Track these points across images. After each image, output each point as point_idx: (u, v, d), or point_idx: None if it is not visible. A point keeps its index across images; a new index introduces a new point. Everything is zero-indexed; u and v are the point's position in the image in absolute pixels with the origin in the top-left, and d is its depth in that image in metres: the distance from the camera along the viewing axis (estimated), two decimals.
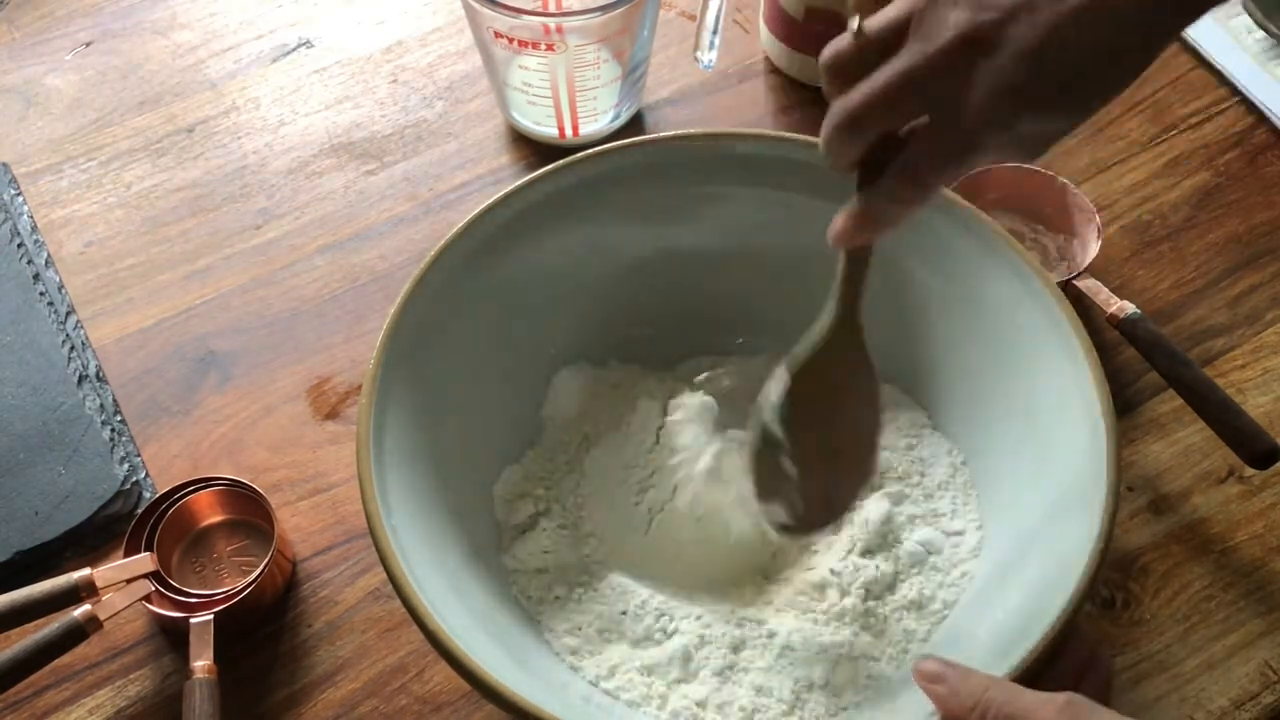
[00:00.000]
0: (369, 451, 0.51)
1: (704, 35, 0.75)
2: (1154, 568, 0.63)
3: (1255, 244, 0.75)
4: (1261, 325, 0.72)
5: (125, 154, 0.80)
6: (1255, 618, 0.61)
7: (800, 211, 0.62)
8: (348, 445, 0.67)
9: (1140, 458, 0.66)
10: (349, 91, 0.83)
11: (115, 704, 0.59)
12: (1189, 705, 0.59)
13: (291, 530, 0.64)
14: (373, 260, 0.75)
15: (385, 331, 0.55)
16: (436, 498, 0.55)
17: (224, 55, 0.85)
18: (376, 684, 0.60)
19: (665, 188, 0.62)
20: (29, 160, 0.80)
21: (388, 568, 0.48)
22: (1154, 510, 0.65)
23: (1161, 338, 0.65)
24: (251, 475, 0.64)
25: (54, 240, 0.76)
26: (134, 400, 0.69)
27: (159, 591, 0.59)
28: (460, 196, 0.78)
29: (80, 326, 0.72)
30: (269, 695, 0.59)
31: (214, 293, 0.73)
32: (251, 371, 0.70)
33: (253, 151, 0.80)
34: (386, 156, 0.80)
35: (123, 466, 0.65)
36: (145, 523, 0.61)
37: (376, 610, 0.62)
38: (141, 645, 0.61)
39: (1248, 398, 0.68)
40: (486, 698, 0.46)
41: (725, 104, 0.82)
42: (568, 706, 0.49)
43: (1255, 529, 0.64)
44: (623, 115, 0.79)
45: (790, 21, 0.79)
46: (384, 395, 0.53)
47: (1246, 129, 0.81)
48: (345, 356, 0.71)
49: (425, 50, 0.85)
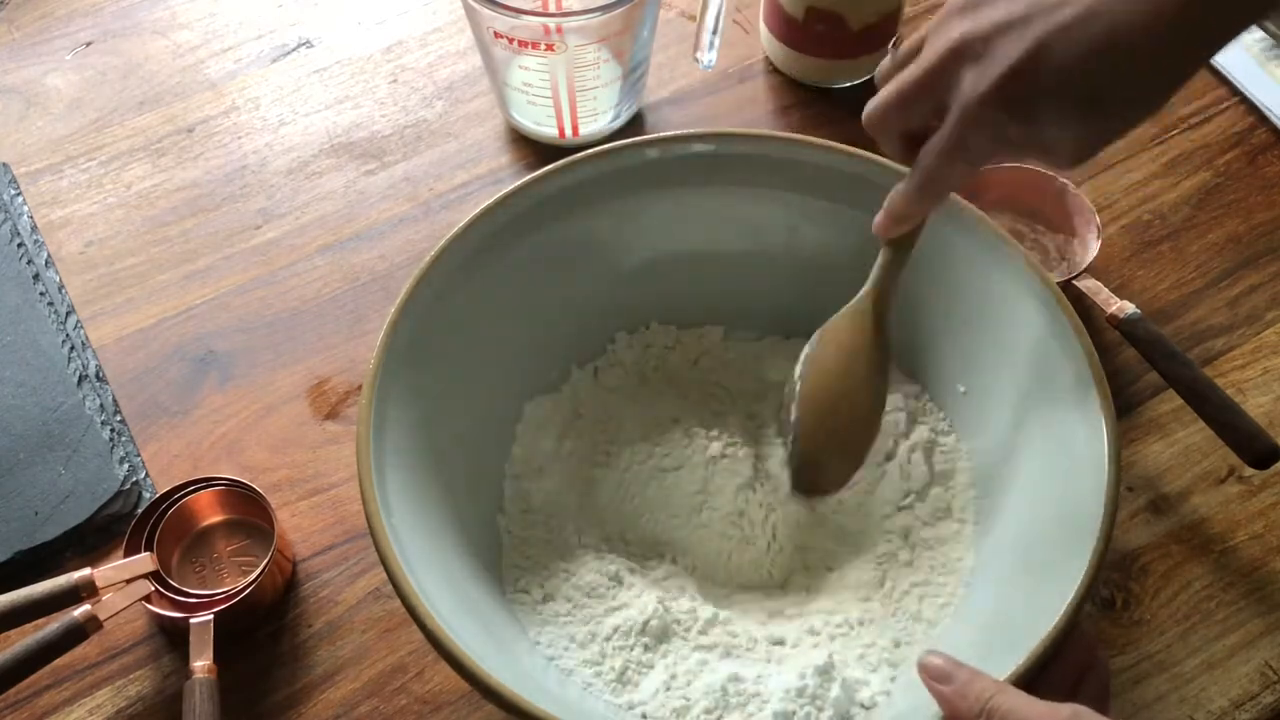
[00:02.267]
0: (369, 451, 0.51)
1: (704, 35, 0.75)
2: (1154, 568, 0.63)
3: (1255, 244, 0.75)
4: (1261, 325, 0.72)
5: (125, 154, 0.80)
6: (1255, 618, 0.61)
7: (800, 211, 0.62)
8: (348, 445, 0.67)
9: (1140, 458, 0.66)
10: (349, 91, 0.83)
11: (115, 704, 0.59)
12: (1189, 705, 0.59)
13: (291, 530, 0.64)
14: (373, 260, 0.75)
15: (385, 331, 0.55)
16: (436, 498, 0.55)
17: (224, 55, 0.85)
18: (376, 684, 0.60)
19: (665, 188, 0.62)
20: (29, 160, 0.80)
21: (388, 568, 0.48)
22: (1154, 510, 0.65)
23: (1161, 338, 0.65)
24: (251, 475, 0.64)
25: (54, 240, 0.76)
26: (134, 400, 0.69)
27: (159, 591, 0.59)
28: (460, 196, 0.78)
29: (80, 326, 0.72)
30: (269, 695, 0.59)
31: (214, 293, 0.74)
32: (251, 371, 0.70)
33: (253, 151, 0.80)
34: (386, 156, 0.80)
35: (123, 466, 0.65)
36: (145, 523, 0.61)
37: (376, 610, 0.62)
38: (141, 645, 0.61)
39: (1248, 398, 0.68)
40: (486, 698, 0.46)
41: (725, 104, 0.82)
42: (567, 706, 0.49)
43: (1255, 529, 0.64)
44: (623, 115, 0.79)
45: (790, 21, 0.79)
46: (384, 395, 0.53)
47: (1246, 129, 0.81)
48: (345, 356, 0.71)
49: (425, 50, 0.85)
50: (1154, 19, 0.40)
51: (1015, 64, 0.42)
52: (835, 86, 0.83)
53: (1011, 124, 0.44)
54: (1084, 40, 0.41)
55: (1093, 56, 0.41)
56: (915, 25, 0.86)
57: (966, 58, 0.44)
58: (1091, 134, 0.44)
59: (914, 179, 0.49)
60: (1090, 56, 0.41)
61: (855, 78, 0.82)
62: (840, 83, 0.82)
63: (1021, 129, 0.44)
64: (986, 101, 0.43)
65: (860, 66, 0.81)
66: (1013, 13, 0.43)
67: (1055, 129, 0.43)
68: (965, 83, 0.44)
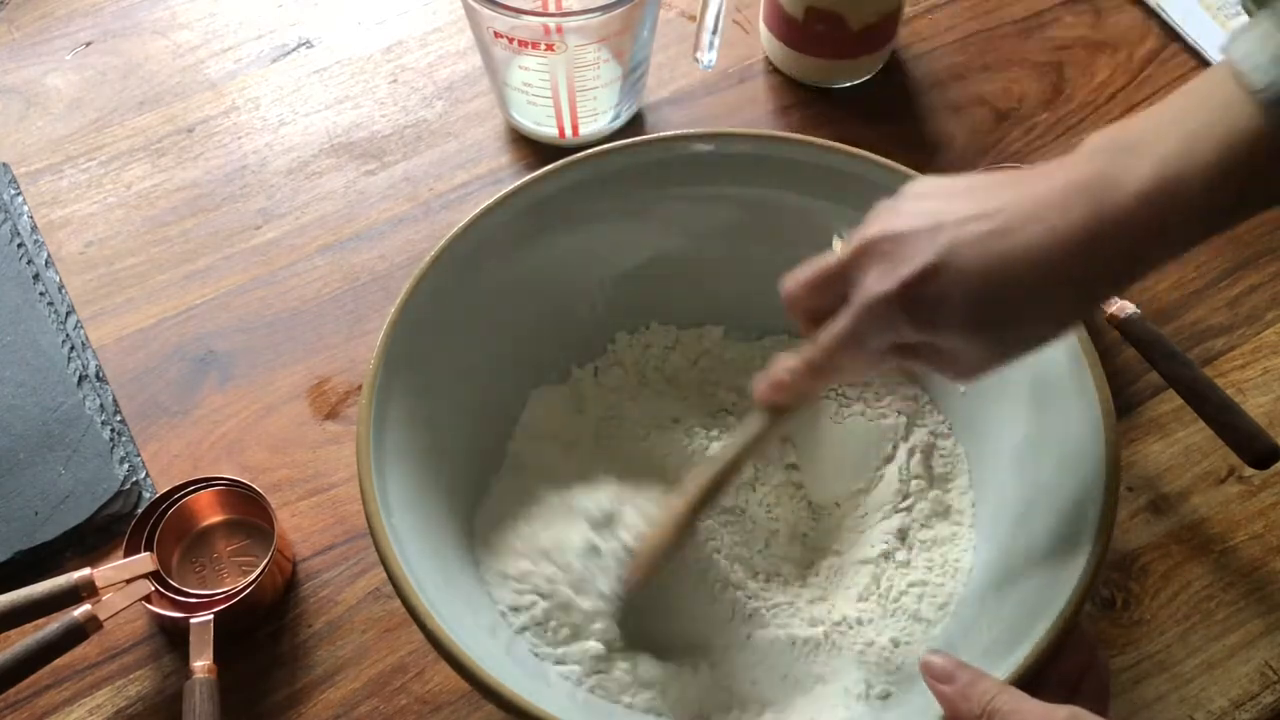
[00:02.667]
0: (369, 451, 0.51)
1: (704, 35, 0.75)
2: (1154, 568, 0.63)
3: (1255, 244, 0.75)
4: (1261, 325, 0.72)
5: (125, 154, 0.80)
6: (1255, 618, 0.61)
7: (800, 211, 0.62)
8: (348, 445, 0.67)
9: (1140, 458, 0.66)
10: (349, 91, 0.83)
11: (115, 704, 0.59)
12: (1189, 705, 0.59)
13: (291, 530, 0.64)
14: (373, 260, 0.75)
15: (385, 331, 0.55)
16: (436, 498, 0.55)
17: (224, 55, 0.85)
18: (376, 684, 0.60)
19: (665, 188, 0.62)
20: (29, 160, 0.80)
21: (388, 568, 0.48)
22: (1154, 510, 0.65)
23: (1161, 338, 0.65)
24: (251, 475, 0.64)
25: (54, 240, 0.76)
26: (134, 400, 0.69)
27: (159, 591, 0.59)
28: (460, 196, 0.78)
29: (80, 326, 0.72)
30: (269, 695, 0.59)
31: (214, 293, 0.73)
32: (251, 371, 0.70)
33: (253, 151, 0.80)
34: (386, 156, 0.80)
35: (123, 466, 0.65)
36: (145, 523, 0.61)
37: (376, 610, 0.62)
38: (141, 645, 0.61)
39: (1248, 398, 0.68)
40: (486, 698, 0.46)
41: (725, 104, 0.82)
42: (567, 706, 0.49)
43: (1255, 529, 0.64)
44: (623, 115, 0.79)
45: (790, 21, 0.79)
46: (384, 395, 0.53)
47: None
48: (345, 356, 0.71)
49: (425, 50, 0.85)
50: (1058, 247, 0.41)
51: (920, 267, 0.43)
52: (835, 86, 0.83)
53: (909, 325, 0.44)
54: (989, 254, 0.42)
55: (995, 271, 0.42)
56: (915, 25, 0.86)
57: (876, 255, 0.45)
58: (989, 349, 0.45)
59: (805, 355, 0.49)
60: (993, 270, 0.42)
61: (855, 78, 0.82)
62: (840, 83, 0.82)
63: (918, 333, 0.45)
64: (888, 299, 0.44)
65: (860, 66, 0.81)
66: (926, 220, 0.44)
67: (953, 339, 0.44)
68: (870, 278, 0.45)
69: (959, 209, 0.43)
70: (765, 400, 0.51)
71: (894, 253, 0.44)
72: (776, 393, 0.50)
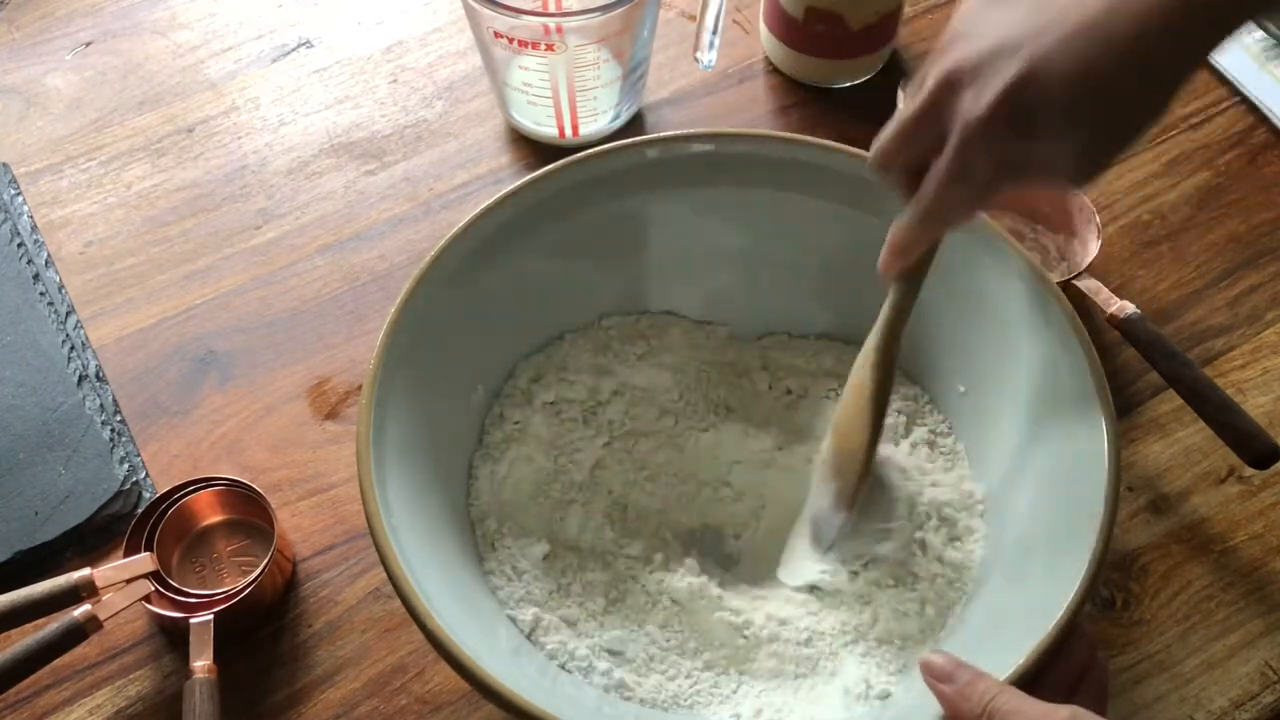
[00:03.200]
0: (369, 451, 0.51)
1: (704, 35, 0.75)
2: (1154, 568, 0.63)
3: (1255, 244, 0.75)
4: (1261, 325, 0.72)
5: (125, 154, 0.80)
6: (1255, 618, 0.61)
7: (801, 211, 0.62)
8: (348, 445, 0.67)
9: (1140, 458, 0.66)
10: (349, 91, 0.83)
11: (115, 704, 0.59)
12: (1189, 705, 0.59)
13: (291, 530, 0.64)
14: (373, 260, 0.75)
15: (385, 331, 0.55)
16: (436, 498, 0.55)
17: (224, 55, 0.85)
18: (376, 684, 0.60)
19: (665, 188, 0.62)
20: (29, 160, 0.80)
21: (388, 568, 0.48)
22: (1154, 510, 0.65)
23: (1161, 338, 0.65)
24: (251, 475, 0.64)
25: (54, 240, 0.76)
26: (134, 400, 0.69)
27: (159, 591, 0.59)
28: (460, 196, 0.78)
29: (80, 326, 0.72)
30: (269, 695, 0.59)
31: (214, 293, 0.74)
32: (251, 371, 0.70)
33: (253, 151, 0.80)
34: (386, 156, 0.80)
35: (123, 466, 0.65)
36: (145, 523, 0.61)
37: (376, 610, 0.62)
38: (141, 645, 0.61)
39: (1248, 398, 0.68)
40: (487, 698, 0.46)
41: (725, 104, 0.82)
42: (567, 705, 0.49)
43: (1255, 529, 0.64)
44: (623, 115, 0.79)
45: (790, 21, 0.79)
46: (384, 395, 0.53)
47: (1246, 129, 0.81)
48: (345, 356, 0.71)
49: (425, 50, 0.85)
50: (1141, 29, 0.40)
51: (1011, 81, 0.42)
52: (835, 86, 0.83)
53: (1013, 141, 0.43)
54: (1077, 52, 0.41)
55: (1087, 65, 0.41)
56: (915, 25, 0.86)
57: (962, 84, 0.44)
58: (1097, 144, 0.43)
59: (915, 208, 0.48)
60: (1085, 66, 0.41)
61: (855, 78, 0.82)
62: (840, 83, 0.82)
63: (1023, 146, 0.43)
64: (986, 120, 0.43)
65: (860, 66, 0.81)
66: (1002, 39, 0.43)
67: (1058, 143, 0.43)
68: (963, 106, 0.44)
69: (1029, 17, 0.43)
70: (890, 268, 0.51)
71: (979, 73, 0.43)
72: (898, 257, 0.50)
